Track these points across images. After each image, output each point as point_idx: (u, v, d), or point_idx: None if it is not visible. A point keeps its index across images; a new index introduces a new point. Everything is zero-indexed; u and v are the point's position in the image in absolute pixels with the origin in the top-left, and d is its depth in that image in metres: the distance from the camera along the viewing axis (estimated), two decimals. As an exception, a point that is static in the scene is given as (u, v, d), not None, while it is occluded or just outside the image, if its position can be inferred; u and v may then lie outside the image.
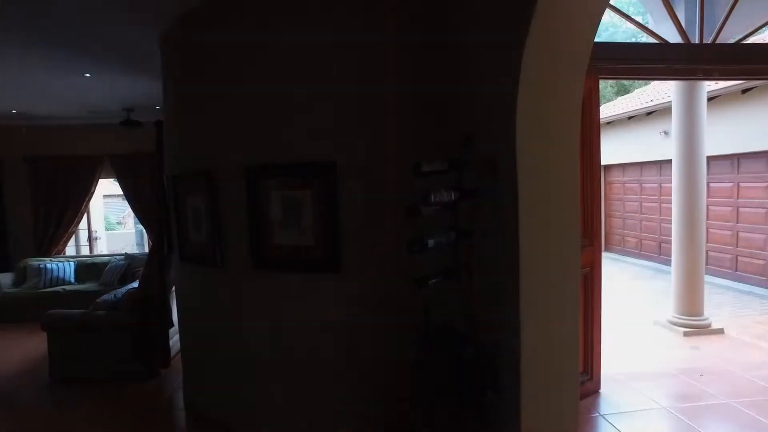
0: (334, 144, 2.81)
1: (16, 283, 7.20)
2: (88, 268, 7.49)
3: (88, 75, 5.19)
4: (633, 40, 16.56)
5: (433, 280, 2.43)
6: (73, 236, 8.11)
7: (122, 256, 7.50)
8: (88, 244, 8.43)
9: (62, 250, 7.99)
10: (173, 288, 4.44)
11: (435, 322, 2.56)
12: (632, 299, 7.42)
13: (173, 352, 4.69)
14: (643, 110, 10.00)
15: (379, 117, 2.78)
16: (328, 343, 2.96)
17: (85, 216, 8.12)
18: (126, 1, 3.30)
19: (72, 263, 7.51)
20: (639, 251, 10.71)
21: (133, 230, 8.35)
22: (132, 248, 8.11)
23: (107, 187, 8.15)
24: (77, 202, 7.87)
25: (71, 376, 4.57)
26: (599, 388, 3.88)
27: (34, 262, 7.34)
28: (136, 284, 4.77)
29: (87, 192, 7.88)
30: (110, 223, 13.57)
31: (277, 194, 2.87)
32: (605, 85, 18.96)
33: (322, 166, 2.75)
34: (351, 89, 2.79)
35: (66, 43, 4.15)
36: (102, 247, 8.47)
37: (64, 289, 6.94)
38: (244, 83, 3.03)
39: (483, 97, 2.40)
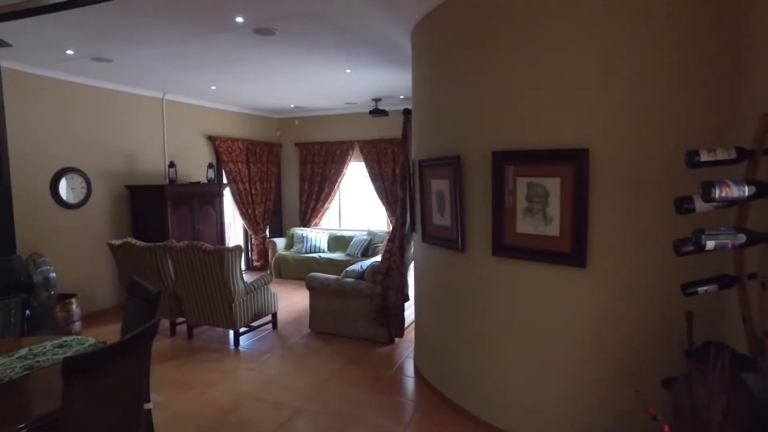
0: (587, 130, 2.61)
1: (286, 247, 8.75)
2: (337, 240, 8.63)
3: (348, 71, 5.90)
4: None
5: (704, 288, 2.10)
6: (327, 211, 9.42)
7: (365, 232, 8.41)
8: (338, 218, 9.70)
9: (318, 223, 9.37)
10: (411, 264, 4.80)
11: (701, 336, 2.21)
12: None
13: (407, 323, 5.09)
14: None
15: (642, 99, 2.48)
16: (564, 340, 2.82)
17: (337, 194, 9.35)
18: (387, 3, 3.62)
19: (325, 234, 8.76)
20: None
21: (372, 208, 9.25)
22: (371, 225, 9.01)
23: (354, 169, 9.20)
24: (332, 182, 9.11)
25: (325, 331, 5.37)
26: None
27: (299, 230, 8.78)
28: (378, 258, 5.29)
29: (340, 173, 9.06)
30: (351, 201, 15.27)
31: (522, 181, 2.82)
32: None
33: (573, 153, 2.59)
34: (608, 68, 2.55)
35: (335, 46, 4.79)
36: (347, 222, 9.64)
37: (320, 257, 8.16)
38: (493, 70, 3.04)
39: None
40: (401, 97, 7.66)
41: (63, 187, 5.80)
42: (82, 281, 6.02)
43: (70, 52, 4.86)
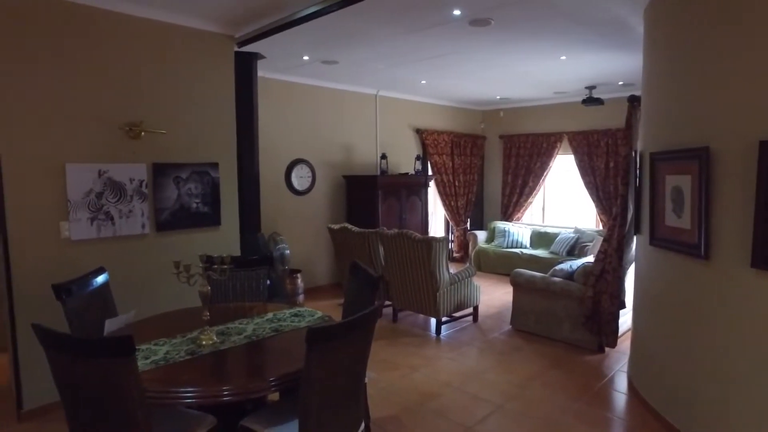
0: None
1: (487, 240, 8.68)
2: (540, 236, 8.24)
3: (563, 58, 5.52)
4: None
5: None
6: (530, 206, 9.06)
7: (572, 229, 7.85)
8: (541, 214, 9.27)
9: (521, 217, 9.08)
10: (630, 268, 4.30)
11: None
12: None
13: (621, 332, 4.59)
14: None
15: None
16: None
17: (541, 188, 8.92)
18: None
19: (528, 230, 8.44)
20: None
21: (579, 205, 8.58)
22: (578, 222, 8.39)
23: (560, 162, 8.65)
24: (537, 175, 8.73)
25: (527, 330, 5.17)
26: None
27: (500, 224, 8.63)
28: (589, 259, 4.87)
29: (546, 166, 8.61)
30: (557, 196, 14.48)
31: (803, 178, 2.25)
32: None
33: None
34: None
35: (551, 31, 4.51)
36: (551, 218, 9.14)
37: (522, 252, 7.89)
38: (763, 43, 2.48)
39: None
40: (620, 83, 6.91)
41: (294, 176, 6.68)
42: (305, 259, 6.87)
43: (305, 57, 5.53)
